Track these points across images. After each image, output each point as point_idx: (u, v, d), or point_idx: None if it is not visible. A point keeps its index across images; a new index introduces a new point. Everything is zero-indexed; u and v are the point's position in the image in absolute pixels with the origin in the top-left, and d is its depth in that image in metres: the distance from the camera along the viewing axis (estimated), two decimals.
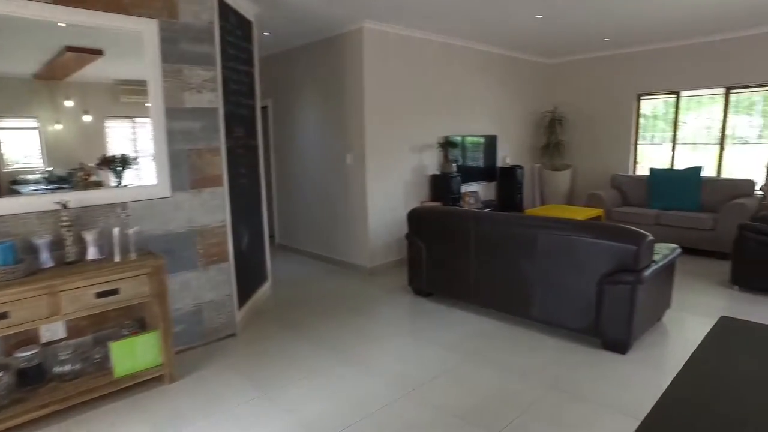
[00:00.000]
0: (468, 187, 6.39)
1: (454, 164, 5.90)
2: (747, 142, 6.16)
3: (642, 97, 6.89)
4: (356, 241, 5.46)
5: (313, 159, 5.90)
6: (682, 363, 3.16)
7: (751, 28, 5.63)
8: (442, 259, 4.17)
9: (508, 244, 3.65)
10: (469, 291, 3.99)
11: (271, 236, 6.50)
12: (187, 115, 3.27)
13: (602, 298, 3.21)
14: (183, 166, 3.28)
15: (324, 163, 5.74)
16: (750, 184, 5.79)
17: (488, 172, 6.75)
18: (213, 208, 3.46)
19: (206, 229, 3.44)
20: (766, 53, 5.73)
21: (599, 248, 3.19)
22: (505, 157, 7.10)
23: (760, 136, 6.02)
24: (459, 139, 6.18)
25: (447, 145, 5.94)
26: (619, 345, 3.24)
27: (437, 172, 5.96)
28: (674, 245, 3.70)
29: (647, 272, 3.13)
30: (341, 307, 4.32)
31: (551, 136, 7.54)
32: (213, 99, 3.38)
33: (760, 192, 5.87)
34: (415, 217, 4.39)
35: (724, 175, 6.36)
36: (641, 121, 6.98)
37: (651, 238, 3.15)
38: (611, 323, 3.20)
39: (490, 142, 6.73)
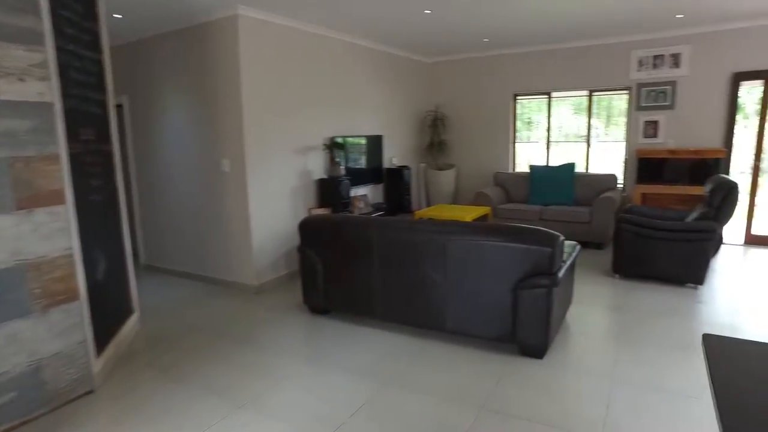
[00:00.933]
0: (357, 191, 6.07)
1: (341, 167, 5.53)
2: (608, 140, 6.69)
3: (518, 97, 7.16)
4: (239, 257, 4.82)
5: (183, 166, 5.12)
6: (597, 362, 3.10)
7: (609, 37, 6.09)
8: (340, 272, 3.76)
9: (416, 253, 3.37)
10: (373, 306, 3.64)
11: (135, 255, 5.55)
12: (5, 111, 2.45)
13: (518, 303, 3.06)
14: (2, 180, 2.46)
15: (196, 171, 5.00)
16: (613, 178, 6.27)
17: (375, 173, 6.50)
18: (52, 233, 2.66)
19: (44, 261, 2.63)
20: (621, 61, 6.25)
21: (513, 252, 3.04)
22: (392, 157, 6.91)
23: (602, 134, 6.57)
24: (345, 140, 5.83)
25: (333, 146, 5.55)
26: (537, 350, 3.13)
27: (324, 176, 5.54)
28: (573, 242, 3.73)
29: (560, 274, 3.05)
30: (227, 336, 3.70)
31: (434, 136, 7.54)
32: (44, 90, 2.58)
33: None
34: (307, 226, 3.93)
35: (592, 171, 6.83)
36: (518, 120, 7.26)
37: (563, 238, 3.08)
38: (528, 329, 3.07)
39: (377, 143, 6.48)
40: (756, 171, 5.90)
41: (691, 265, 4.34)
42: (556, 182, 6.37)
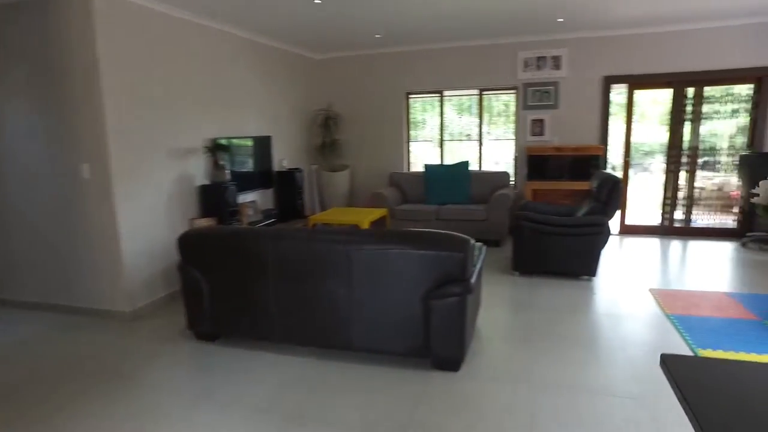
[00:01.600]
0: (245, 197, 5.53)
1: (226, 171, 4.98)
2: (498, 139, 6.85)
3: (410, 96, 7.08)
4: (107, 279, 4.09)
5: (28, 173, 4.22)
6: (513, 368, 2.98)
7: (498, 37, 6.21)
8: (229, 292, 3.28)
9: (315, 265, 3.01)
10: (270, 327, 3.22)
11: None
12: None
13: (430, 314, 2.84)
14: None
15: (47, 178, 4.14)
16: (506, 176, 6.42)
17: (265, 177, 5.99)
18: None
19: None
20: (509, 61, 6.41)
21: (422, 260, 2.81)
22: (282, 160, 6.44)
23: (493, 133, 6.76)
24: (230, 141, 5.27)
25: (216, 148, 4.98)
26: (452, 362, 2.93)
27: (207, 182, 4.95)
28: (479, 243, 3.62)
29: (473, 279, 2.88)
30: (93, 377, 3.04)
31: (326, 136, 7.20)
32: None
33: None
34: (188, 242, 3.39)
35: (485, 168, 6.95)
36: (411, 118, 7.18)
37: (473, 241, 2.92)
38: (442, 341, 2.87)
39: (265, 144, 5.98)
40: (626, 166, 6.38)
41: (585, 258, 4.49)
42: (451, 181, 6.37)
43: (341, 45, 6.64)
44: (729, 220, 6.19)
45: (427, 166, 6.56)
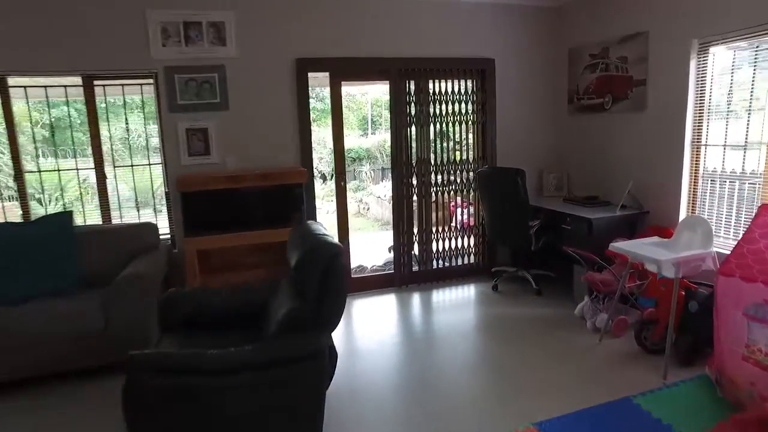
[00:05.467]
0: None
1: None
2: (123, 165, 3.95)
3: None
4: None
5: None
6: None
7: None
8: None
9: None
10: None
11: None
12: None
13: None
14: None
15: None
16: (151, 229, 3.60)
17: None
18: None
19: None
20: (133, 27, 3.58)
21: None
22: None
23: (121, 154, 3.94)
24: None
25: None
26: None
27: None
28: None
29: None
30: None
31: None
32: None
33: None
34: None
35: (115, 220, 3.96)
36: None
37: None
38: None
39: None
40: (341, 192, 4.34)
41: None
42: (33, 251, 3.20)
43: None
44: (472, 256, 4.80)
45: None
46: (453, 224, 4.85)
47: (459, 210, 5.02)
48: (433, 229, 4.59)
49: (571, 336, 3.37)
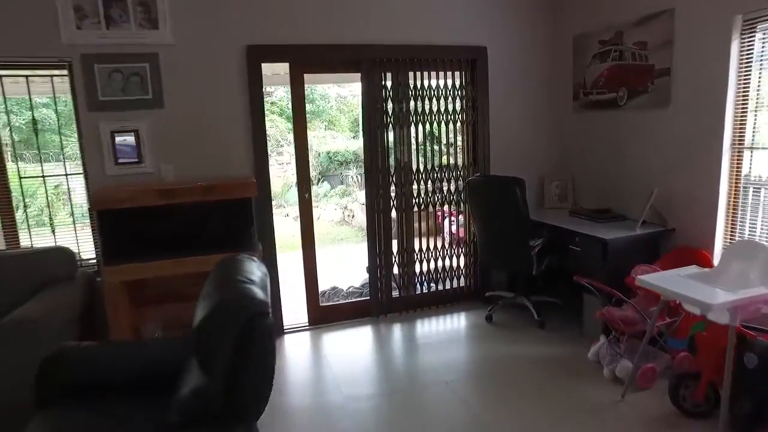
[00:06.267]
0: None
1: None
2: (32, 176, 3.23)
3: None
4: None
5: None
6: None
7: None
8: None
9: None
10: None
11: None
12: None
13: None
14: None
15: None
16: (65, 256, 2.90)
17: None
18: None
19: None
20: (37, 3, 2.89)
21: None
22: None
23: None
24: None
25: None
26: None
27: None
28: None
29: None
30: None
31: None
32: None
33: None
34: None
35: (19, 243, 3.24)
36: None
37: None
38: None
39: None
40: (307, 206, 3.65)
41: None
42: None
43: None
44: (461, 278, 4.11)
45: None
46: (441, 237, 4.17)
47: (447, 220, 4.35)
48: (416, 247, 3.91)
49: (585, 388, 2.69)
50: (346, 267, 5.60)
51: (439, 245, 3.97)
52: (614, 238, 2.99)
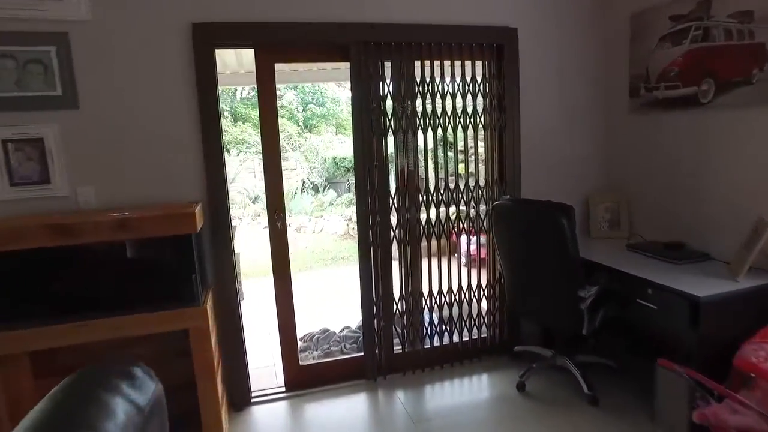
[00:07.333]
0: None
1: None
2: None
3: None
4: None
5: None
6: None
7: None
8: None
9: None
10: None
11: None
12: None
13: None
14: None
15: None
16: None
17: None
18: None
19: None
20: None
21: None
22: None
23: None
24: None
25: None
26: None
27: None
28: None
29: None
30: None
31: None
32: None
33: None
34: None
35: None
36: None
37: None
38: None
39: None
40: (281, 232, 2.77)
41: None
42: None
43: None
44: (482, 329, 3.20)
45: None
46: (457, 278, 3.27)
47: (466, 241, 3.48)
48: (425, 291, 3.01)
49: None
50: (344, 294, 4.78)
51: (454, 287, 3.07)
52: (710, 295, 2.07)
